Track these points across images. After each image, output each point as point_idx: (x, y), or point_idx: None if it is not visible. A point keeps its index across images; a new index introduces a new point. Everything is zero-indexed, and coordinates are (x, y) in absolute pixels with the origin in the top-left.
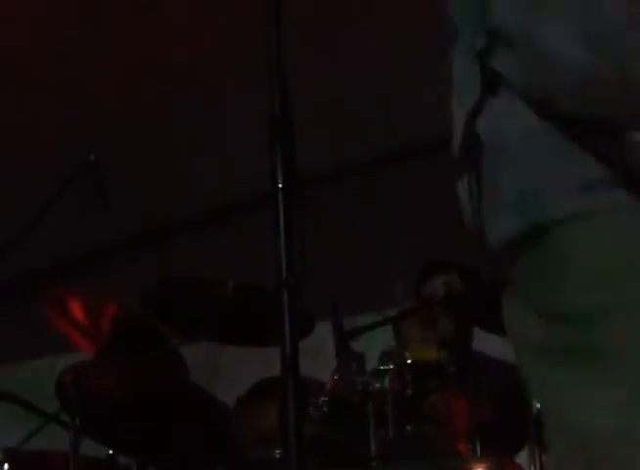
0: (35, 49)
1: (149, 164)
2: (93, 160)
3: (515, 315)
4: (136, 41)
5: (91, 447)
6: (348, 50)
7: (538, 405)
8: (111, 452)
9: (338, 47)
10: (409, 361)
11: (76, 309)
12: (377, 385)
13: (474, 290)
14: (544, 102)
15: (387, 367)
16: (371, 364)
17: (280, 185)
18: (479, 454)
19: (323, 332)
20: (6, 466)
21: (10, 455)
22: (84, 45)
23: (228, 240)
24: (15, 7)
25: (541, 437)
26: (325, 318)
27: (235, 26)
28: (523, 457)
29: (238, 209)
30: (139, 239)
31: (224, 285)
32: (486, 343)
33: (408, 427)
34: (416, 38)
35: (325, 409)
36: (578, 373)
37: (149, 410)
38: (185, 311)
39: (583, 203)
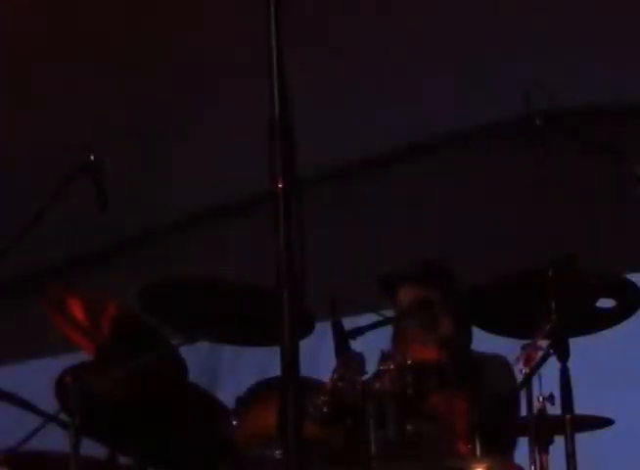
0: (35, 49)
1: (149, 164)
2: (93, 160)
3: None
4: (136, 42)
5: (91, 447)
6: (348, 50)
7: (539, 405)
8: (110, 452)
9: (338, 47)
10: (409, 361)
11: (76, 309)
12: (377, 385)
13: (443, 299)
14: None
15: (386, 367)
16: (371, 364)
17: (280, 185)
18: (478, 454)
19: (323, 332)
20: (6, 466)
21: (10, 455)
22: (84, 45)
23: (228, 240)
24: (14, 7)
25: (541, 436)
26: (325, 318)
27: (235, 26)
28: (523, 457)
29: (237, 209)
30: (139, 239)
31: (224, 285)
32: (486, 343)
33: (408, 427)
34: (415, 37)
35: (325, 409)
36: None
37: (149, 410)
38: (185, 311)
39: None
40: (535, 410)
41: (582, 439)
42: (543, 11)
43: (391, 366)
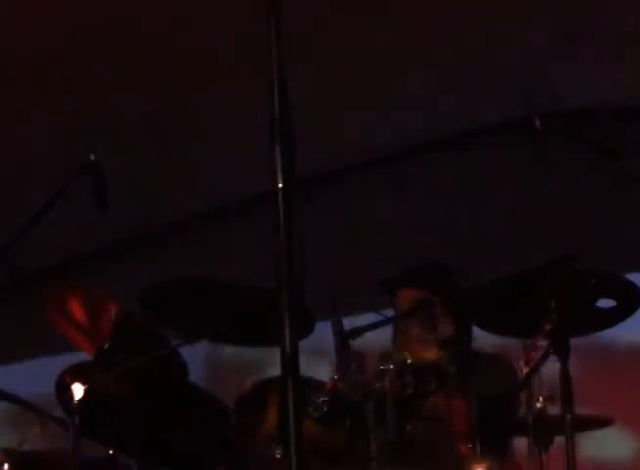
0: (35, 49)
1: (149, 164)
2: (93, 160)
3: None
4: (137, 42)
5: (91, 448)
6: (348, 50)
7: (539, 404)
8: (111, 452)
9: (338, 46)
10: (409, 361)
11: (76, 309)
12: (377, 385)
13: (443, 300)
14: None
15: (387, 367)
16: (371, 364)
17: (280, 185)
18: (478, 454)
19: (323, 332)
20: (6, 466)
21: (10, 455)
22: (84, 45)
23: (228, 240)
24: (15, 7)
25: (541, 436)
26: (325, 318)
27: (236, 27)
28: (523, 457)
29: (238, 209)
30: (139, 239)
31: (224, 285)
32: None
33: (408, 427)
34: (415, 38)
35: (325, 409)
36: None
37: (149, 410)
38: (185, 311)
39: None
40: (535, 410)
41: (582, 439)
42: (543, 11)
43: (391, 366)
